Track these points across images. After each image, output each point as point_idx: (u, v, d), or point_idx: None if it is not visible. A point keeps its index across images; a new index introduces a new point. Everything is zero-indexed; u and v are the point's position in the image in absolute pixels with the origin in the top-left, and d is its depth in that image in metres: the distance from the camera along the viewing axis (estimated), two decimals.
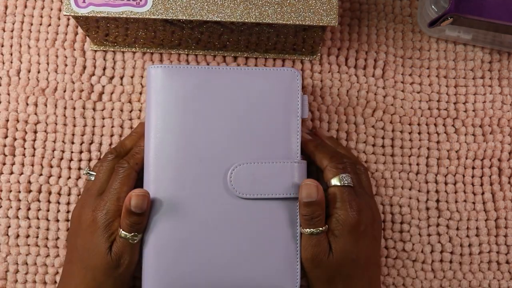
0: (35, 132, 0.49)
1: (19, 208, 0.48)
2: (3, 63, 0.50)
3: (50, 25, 0.50)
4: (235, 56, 0.50)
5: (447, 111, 0.51)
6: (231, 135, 0.42)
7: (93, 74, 0.50)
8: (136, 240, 0.40)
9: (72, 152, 0.49)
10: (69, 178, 0.48)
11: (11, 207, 0.48)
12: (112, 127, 0.49)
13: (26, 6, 0.51)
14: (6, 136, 0.49)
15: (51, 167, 0.49)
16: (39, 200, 0.48)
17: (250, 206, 0.41)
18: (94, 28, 0.46)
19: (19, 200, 0.48)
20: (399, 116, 0.50)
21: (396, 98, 0.51)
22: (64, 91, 0.49)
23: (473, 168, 0.50)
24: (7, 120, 0.49)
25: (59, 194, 0.48)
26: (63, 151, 0.49)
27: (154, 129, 0.42)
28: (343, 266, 0.41)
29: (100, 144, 0.49)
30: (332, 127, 0.50)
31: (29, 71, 0.50)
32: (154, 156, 0.42)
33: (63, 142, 0.49)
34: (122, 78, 0.50)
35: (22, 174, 0.48)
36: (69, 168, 0.49)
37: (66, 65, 0.50)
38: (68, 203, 0.48)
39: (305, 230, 0.41)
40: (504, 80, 0.51)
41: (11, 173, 0.49)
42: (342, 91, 0.50)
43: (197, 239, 0.41)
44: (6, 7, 0.51)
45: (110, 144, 0.49)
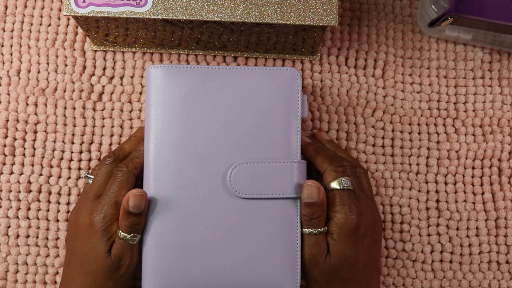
0: (35, 132, 0.49)
1: (19, 208, 0.48)
2: (3, 63, 0.50)
3: (50, 25, 0.50)
4: (235, 56, 0.50)
5: (447, 111, 0.51)
6: (231, 135, 0.42)
7: (93, 74, 0.50)
8: (135, 240, 0.40)
9: (72, 152, 0.49)
10: (69, 178, 0.48)
11: (11, 207, 0.48)
12: (112, 127, 0.49)
13: (26, 6, 0.51)
14: (6, 136, 0.49)
15: (51, 167, 0.49)
16: (39, 200, 0.48)
17: (250, 206, 0.41)
18: (94, 28, 0.46)
19: (19, 200, 0.48)
20: (399, 116, 0.50)
21: (396, 98, 0.51)
22: (64, 91, 0.49)
23: (473, 168, 0.50)
24: (7, 120, 0.49)
25: (59, 194, 0.48)
26: (63, 151, 0.49)
27: (154, 129, 0.42)
28: (341, 269, 0.41)
29: (100, 144, 0.49)
30: (332, 127, 0.50)
31: (29, 71, 0.50)
32: (154, 156, 0.42)
33: (63, 142, 0.49)
34: (122, 78, 0.50)
35: (22, 174, 0.49)
36: (69, 168, 0.49)
37: (66, 65, 0.50)
38: (68, 203, 0.48)
39: (304, 230, 0.41)
40: (504, 80, 0.51)
41: (11, 173, 0.49)
42: (342, 91, 0.50)
43: (196, 239, 0.41)
44: (6, 7, 0.51)
45: (110, 144, 0.49)
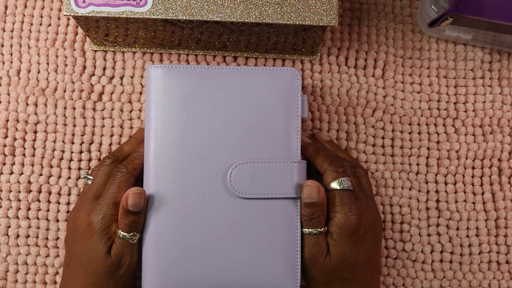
0: (35, 132, 0.49)
1: (19, 208, 0.48)
2: (3, 63, 0.50)
3: (50, 25, 0.50)
4: (235, 56, 0.50)
5: (447, 111, 0.51)
6: (231, 135, 0.42)
7: (93, 74, 0.50)
8: (135, 240, 0.40)
9: (72, 152, 0.49)
10: (69, 178, 0.48)
11: (11, 207, 0.48)
12: (112, 127, 0.49)
13: (26, 6, 0.51)
14: (6, 136, 0.49)
15: (51, 167, 0.49)
16: (39, 200, 0.48)
17: (250, 206, 0.41)
18: (94, 28, 0.46)
19: (19, 200, 0.48)
20: (399, 116, 0.50)
21: (396, 98, 0.51)
22: (64, 91, 0.49)
23: (473, 168, 0.50)
24: (7, 120, 0.49)
25: (59, 194, 0.48)
26: (63, 151, 0.49)
27: (154, 129, 0.42)
28: (341, 269, 0.41)
29: (100, 144, 0.49)
30: (332, 127, 0.50)
31: (29, 71, 0.50)
32: (154, 156, 0.42)
33: (63, 142, 0.49)
34: (122, 78, 0.50)
35: (22, 174, 0.49)
36: (69, 168, 0.49)
37: (66, 65, 0.50)
38: (68, 203, 0.48)
39: (304, 230, 0.41)
40: (504, 80, 0.51)
41: (11, 173, 0.49)
42: (342, 91, 0.50)
43: (196, 239, 0.41)
44: (6, 7, 0.51)
45: (110, 144, 0.49)
